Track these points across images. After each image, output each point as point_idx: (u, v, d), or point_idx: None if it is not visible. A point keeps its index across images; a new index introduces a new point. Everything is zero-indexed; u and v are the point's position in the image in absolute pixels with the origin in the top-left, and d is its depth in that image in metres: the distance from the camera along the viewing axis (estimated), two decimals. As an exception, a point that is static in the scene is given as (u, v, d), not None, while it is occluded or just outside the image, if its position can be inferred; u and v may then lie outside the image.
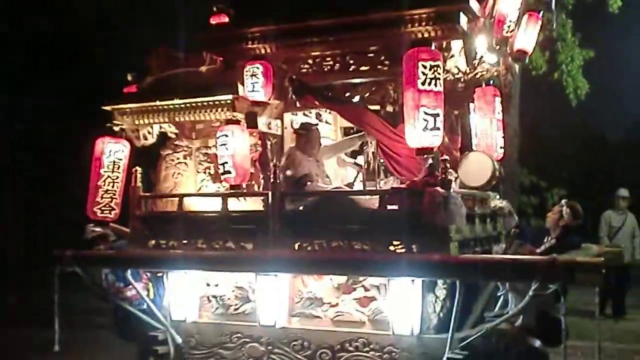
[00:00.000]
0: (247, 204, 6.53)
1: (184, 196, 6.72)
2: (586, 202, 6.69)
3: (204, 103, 6.41)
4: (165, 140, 7.11)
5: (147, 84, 6.92)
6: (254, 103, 6.36)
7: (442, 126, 5.56)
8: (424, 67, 5.48)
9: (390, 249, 5.70)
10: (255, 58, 6.41)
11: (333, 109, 6.87)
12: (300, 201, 6.32)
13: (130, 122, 6.81)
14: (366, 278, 6.06)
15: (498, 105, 6.91)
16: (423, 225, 5.56)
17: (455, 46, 6.42)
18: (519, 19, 6.44)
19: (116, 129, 6.75)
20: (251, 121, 6.29)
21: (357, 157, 7.29)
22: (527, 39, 6.66)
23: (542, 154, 15.81)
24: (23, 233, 18.37)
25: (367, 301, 6.08)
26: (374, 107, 6.42)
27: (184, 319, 6.69)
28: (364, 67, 6.41)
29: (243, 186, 6.46)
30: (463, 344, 5.57)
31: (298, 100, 6.53)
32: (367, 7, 6.11)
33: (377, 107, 6.40)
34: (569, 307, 5.88)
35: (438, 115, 5.51)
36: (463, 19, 5.95)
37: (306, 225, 6.09)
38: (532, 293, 5.13)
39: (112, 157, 6.67)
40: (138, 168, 6.82)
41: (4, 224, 18.28)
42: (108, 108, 6.79)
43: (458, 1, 5.94)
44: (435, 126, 5.50)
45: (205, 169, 6.92)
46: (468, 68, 6.41)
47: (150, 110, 6.66)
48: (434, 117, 5.49)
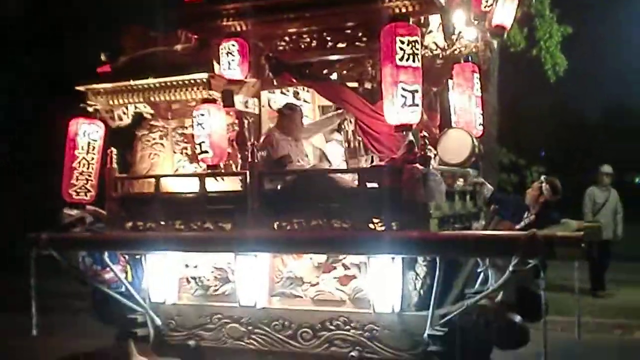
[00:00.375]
0: (225, 184, 6.46)
1: (161, 177, 6.63)
2: (565, 179, 6.66)
3: (180, 82, 6.30)
4: (140, 120, 6.98)
5: (121, 64, 6.78)
6: (230, 81, 6.27)
7: (421, 102, 5.51)
8: (402, 43, 5.44)
9: (370, 227, 5.67)
10: (230, 35, 6.33)
11: (311, 87, 6.80)
12: (278, 180, 6.26)
13: (104, 103, 6.69)
14: (346, 256, 6.02)
15: (477, 81, 6.89)
16: (403, 202, 5.53)
17: (433, 21, 6.38)
18: (498, -6, 6.39)
19: (90, 110, 6.63)
20: (228, 100, 6.20)
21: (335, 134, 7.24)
22: (506, 14, 6.62)
23: (521, 132, 15.85)
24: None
25: (348, 280, 6.04)
26: (352, 84, 6.36)
27: (163, 301, 6.62)
28: (342, 44, 6.35)
29: (220, 166, 6.40)
30: (444, 321, 5.56)
31: (275, 78, 6.46)
32: (344, -18, 6.04)
33: (355, 84, 6.35)
34: (548, 283, 5.93)
35: (417, 91, 5.47)
36: (441, -7, 5.90)
37: (285, 204, 6.05)
38: (512, 268, 5.11)
39: (87, 138, 6.57)
40: (113, 149, 6.74)
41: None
42: (82, 88, 6.65)
43: (436, -26, 5.89)
44: (413, 102, 5.46)
45: (182, 150, 6.81)
46: (446, 44, 6.38)
47: (124, 90, 6.54)
48: (413, 94, 5.46)
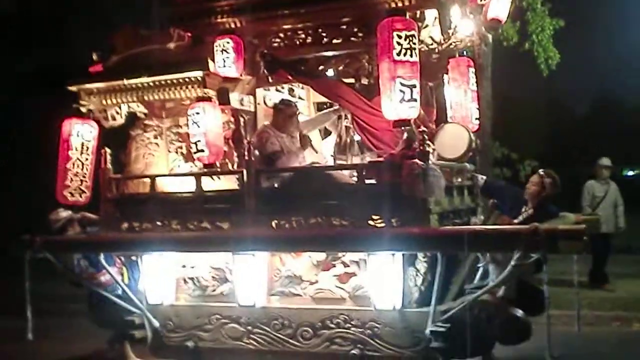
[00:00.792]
0: (222, 183, 6.39)
1: (156, 177, 6.56)
2: (558, 173, 6.64)
3: (174, 80, 6.24)
4: (134, 120, 6.91)
5: (114, 63, 6.70)
6: (226, 79, 6.21)
7: (419, 97, 5.47)
8: (399, 37, 5.38)
9: (369, 224, 5.62)
10: (225, 32, 6.26)
11: (306, 84, 6.74)
12: (276, 178, 6.20)
13: (97, 102, 6.62)
14: (345, 254, 5.98)
15: (472, 76, 6.87)
16: (402, 198, 5.49)
17: (428, 16, 6.32)
18: (493, -13, 6.37)
19: (83, 110, 6.56)
20: (223, 98, 6.14)
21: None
22: (501, 8, 6.60)
23: (513, 126, 15.84)
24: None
25: (347, 277, 6.01)
26: (349, 80, 6.31)
27: (161, 302, 6.56)
28: (337, 40, 6.29)
29: (217, 165, 6.33)
30: (445, 317, 5.52)
31: (270, 75, 6.39)
32: (339, -23, 6.00)
33: (352, 80, 6.29)
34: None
35: (414, 86, 5.43)
36: (438, -13, 5.86)
37: (283, 202, 5.99)
38: (515, 263, 5.08)
39: (80, 139, 6.52)
40: (107, 149, 6.67)
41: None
42: (74, 88, 6.58)
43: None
44: (412, 97, 5.42)
45: (177, 149, 6.74)
46: (443, 38, 6.32)
47: (118, 89, 6.46)
48: (411, 88, 5.41)
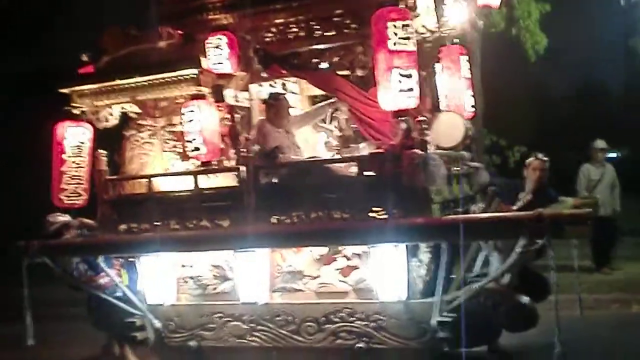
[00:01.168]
0: (219, 180, 6.35)
1: (153, 177, 6.51)
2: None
3: (167, 79, 6.20)
4: (128, 120, 6.85)
5: (104, 64, 6.65)
6: (220, 76, 6.16)
7: (420, 85, 5.45)
8: (395, 27, 5.37)
9: (371, 216, 5.60)
10: (216, 29, 6.21)
11: (302, 77, 6.68)
12: (274, 174, 6.17)
13: (89, 104, 6.57)
14: (346, 247, 5.96)
15: (465, 63, 6.85)
16: (403, 188, 5.47)
17: (420, 4, 6.29)
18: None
19: (76, 112, 6.48)
20: (218, 95, 6.11)
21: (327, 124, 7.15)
22: (492, -7, 6.60)
23: (501, 113, 15.83)
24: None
25: (350, 270, 5.98)
26: (344, 73, 6.26)
27: (162, 303, 6.52)
28: (330, 32, 6.24)
29: (213, 162, 6.29)
30: (451, 306, 5.51)
31: (264, 70, 6.35)
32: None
33: (347, 72, 6.25)
34: (544, 262, 5.92)
35: (412, 75, 5.40)
36: (432, -25, 5.84)
37: (283, 197, 5.96)
38: (520, 250, 5.06)
39: (75, 142, 6.46)
40: (102, 151, 6.61)
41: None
42: (66, 91, 6.51)
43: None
44: (410, 87, 5.39)
45: (172, 148, 6.69)
46: (436, 26, 6.29)
47: (110, 90, 6.43)
48: (408, 78, 5.39)
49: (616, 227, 10.82)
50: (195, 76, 6.09)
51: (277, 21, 6.35)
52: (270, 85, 6.99)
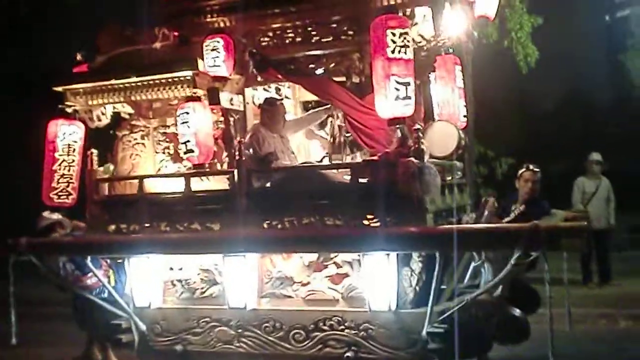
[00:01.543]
0: (211, 183, 6.30)
1: (144, 177, 6.44)
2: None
3: (162, 80, 6.16)
4: (120, 120, 6.80)
5: (99, 63, 6.59)
6: (215, 78, 6.11)
7: (415, 94, 5.43)
8: (393, 35, 5.35)
9: (364, 223, 5.57)
10: (214, 32, 6.16)
11: (297, 83, 6.64)
12: (267, 178, 6.13)
13: (83, 103, 6.51)
14: (338, 254, 5.92)
15: (459, 73, 6.85)
16: (397, 197, 5.45)
17: (418, 13, 6.28)
18: (482, -16, 6.36)
19: (69, 111, 6.42)
20: (213, 97, 6.06)
21: (321, 131, 7.13)
22: (489, 5, 6.59)
23: (489, 124, 15.89)
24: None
25: (340, 278, 5.93)
26: (340, 79, 6.24)
27: (148, 305, 6.44)
28: (327, 38, 6.21)
29: (206, 165, 6.24)
30: (443, 317, 5.48)
31: (260, 74, 6.31)
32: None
33: (343, 79, 6.22)
34: (533, 275, 5.93)
35: (409, 83, 5.39)
36: (431, -16, 5.83)
37: (275, 202, 5.92)
38: (514, 262, 5.04)
39: (67, 140, 6.40)
40: (93, 150, 6.54)
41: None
42: (60, 89, 6.45)
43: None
44: (406, 95, 5.38)
45: (164, 149, 6.64)
46: (433, 36, 6.28)
47: (105, 89, 6.36)
48: (405, 86, 5.37)
49: (610, 241, 10.82)
50: (190, 78, 6.05)
51: (274, 25, 6.32)
52: (264, 89, 6.96)
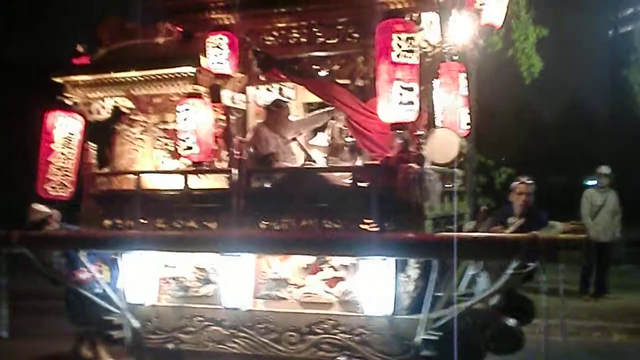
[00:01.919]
0: (209, 182, 6.25)
1: (142, 173, 6.38)
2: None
3: (164, 75, 6.11)
4: (119, 115, 6.74)
5: (100, 56, 6.52)
6: (218, 76, 6.07)
7: (418, 100, 5.39)
8: (399, 39, 5.32)
9: (362, 227, 5.52)
10: (217, 28, 6.12)
11: (300, 83, 6.59)
12: (267, 179, 6.08)
13: (82, 95, 6.45)
14: (334, 258, 5.87)
15: (463, 81, 6.80)
16: (397, 202, 5.41)
17: (424, 19, 6.25)
18: (490, -8, 6.32)
19: (68, 103, 6.36)
20: (215, 95, 6.03)
21: (320, 139, 7.10)
22: (496, 13, 6.56)
23: (489, 133, 15.88)
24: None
25: (336, 281, 5.90)
26: (343, 81, 6.20)
27: (142, 302, 6.38)
28: (332, 40, 6.20)
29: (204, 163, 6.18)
30: (437, 325, 5.45)
31: (263, 73, 6.27)
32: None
33: (347, 82, 6.18)
34: (526, 286, 5.91)
35: (413, 88, 5.35)
36: (439, -10, 5.80)
37: (274, 203, 5.88)
38: (512, 272, 5.02)
39: (64, 132, 6.32)
40: (91, 144, 6.48)
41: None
42: (59, 80, 6.38)
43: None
44: (410, 100, 5.34)
45: (163, 145, 6.58)
46: (439, 42, 6.25)
47: (105, 82, 6.31)
48: (409, 91, 5.34)
49: (611, 254, 10.91)
50: (193, 74, 6.01)
51: (280, 25, 6.30)
52: (267, 89, 6.92)
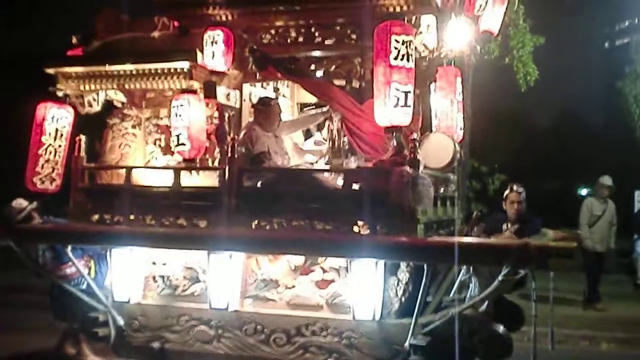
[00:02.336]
0: (200, 179, 6.18)
1: (132, 168, 6.30)
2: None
3: (159, 70, 6.02)
4: (112, 108, 6.65)
5: (94, 48, 6.43)
6: (213, 72, 6.01)
7: (413, 104, 5.35)
8: (397, 42, 5.27)
9: (354, 229, 5.47)
10: (215, 24, 6.07)
11: (296, 82, 6.56)
12: (259, 178, 6.02)
13: (75, 87, 6.35)
14: (325, 260, 5.83)
15: (459, 86, 6.78)
16: (389, 205, 5.36)
17: (422, 22, 6.22)
18: (487, -1, 6.31)
19: (59, 94, 6.27)
20: (210, 91, 5.96)
21: (316, 134, 7.04)
22: (494, 20, 6.55)
23: (484, 139, 15.91)
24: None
25: (326, 284, 5.85)
26: (339, 82, 6.16)
27: (127, 300, 6.31)
28: (330, 40, 6.18)
29: (196, 160, 6.12)
30: (426, 330, 5.40)
31: (259, 71, 6.22)
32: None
33: (343, 83, 6.15)
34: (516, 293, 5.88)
35: (409, 92, 5.32)
36: (438, -6, 5.77)
37: (265, 202, 5.81)
38: (502, 278, 4.98)
39: (55, 124, 6.23)
40: (82, 137, 6.39)
41: None
42: (51, 71, 6.29)
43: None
44: (406, 103, 5.30)
45: (155, 141, 6.51)
46: (436, 46, 6.22)
47: (98, 75, 6.21)
48: (405, 94, 5.30)
49: (604, 264, 11.07)
50: (187, 70, 5.93)
51: (277, 23, 6.27)
52: (262, 87, 6.86)
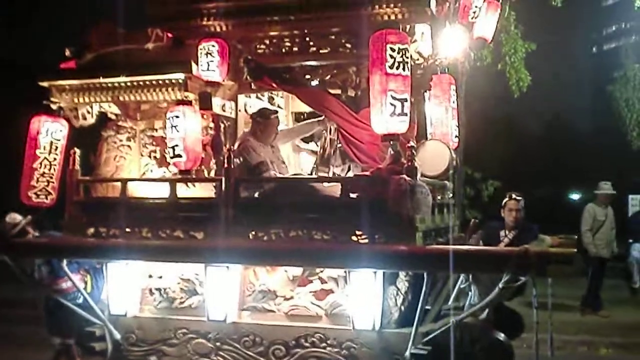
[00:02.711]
0: (196, 191, 6.14)
1: (128, 181, 6.26)
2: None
3: (153, 82, 5.97)
4: (106, 121, 6.61)
5: (88, 60, 6.39)
6: (208, 83, 5.98)
7: (409, 112, 5.34)
8: (393, 50, 5.26)
9: (352, 239, 5.44)
10: (210, 35, 6.04)
11: (292, 92, 6.54)
12: (256, 188, 5.99)
13: (69, 100, 6.28)
14: (323, 270, 5.79)
15: (453, 93, 6.80)
16: (388, 214, 5.34)
17: (417, 31, 6.22)
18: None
19: (54, 107, 6.23)
20: (205, 102, 5.91)
21: (310, 144, 7.02)
22: (487, 27, 6.58)
23: (478, 145, 15.95)
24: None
25: (324, 294, 5.81)
26: (335, 92, 6.15)
27: (124, 313, 6.25)
28: (325, 50, 6.16)
29: (193, 171, 6.08)
30: (427, 339, 5.38)
31: (254, 81, 6.20)
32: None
33: (338, 92, 6.14)
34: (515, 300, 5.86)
35: (405, 100, 5.30)
36: (432, 2, 5.76)
37: (263, 213, 5.77)
38: (502, 285, 4.97)
39: (49, 138, 6.19)
40: (76, 150, 6.35)
41: None
42: (45, 84, 6.25)
43: (427, -17, 5.77)
44: (402, 111, 5.28)
45: (150, 153, 6.47)
46: (431, 54, 6.22)
47: (93, 87, 6.15)
48: (402, 102, 5.28)
49: (605, 269, 11.13)
50: (182, 81, 5.88)
51: (272, 33, 6.24)
52: (258, 97, 6.84)
